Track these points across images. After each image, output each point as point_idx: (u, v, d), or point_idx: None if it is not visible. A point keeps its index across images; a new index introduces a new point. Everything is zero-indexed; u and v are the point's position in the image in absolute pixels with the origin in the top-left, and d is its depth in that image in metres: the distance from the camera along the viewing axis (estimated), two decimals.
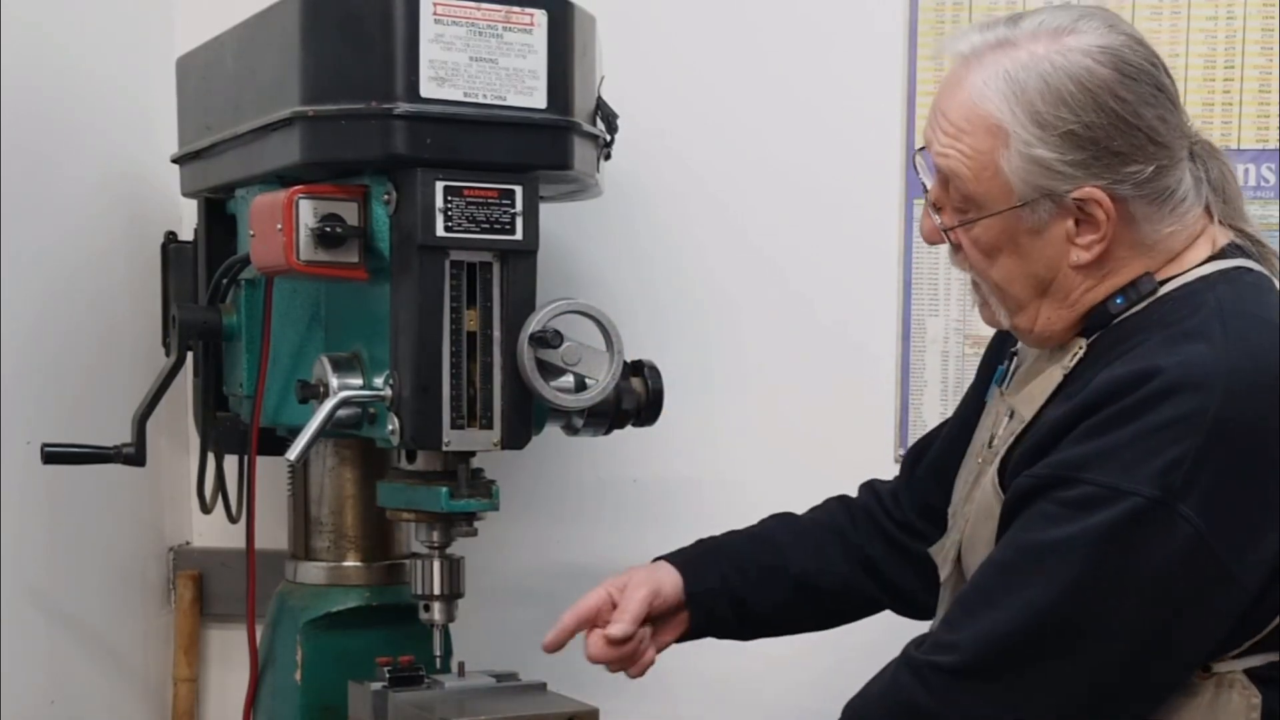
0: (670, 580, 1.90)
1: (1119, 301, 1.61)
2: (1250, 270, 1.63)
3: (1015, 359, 1.77)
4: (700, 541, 1.98)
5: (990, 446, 1.70)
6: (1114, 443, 1.46)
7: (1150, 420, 1.45)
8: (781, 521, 2.02)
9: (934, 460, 1.95)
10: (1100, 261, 1.59)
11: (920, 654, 1.55)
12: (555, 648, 1.85)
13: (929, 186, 1.66)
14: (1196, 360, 1.47)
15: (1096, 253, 1.58)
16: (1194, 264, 1.61)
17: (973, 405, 1.87)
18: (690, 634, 1.95)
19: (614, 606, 1.87)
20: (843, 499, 2.04)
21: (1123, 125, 1.54)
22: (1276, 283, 1.64)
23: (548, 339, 1.76)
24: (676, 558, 1.94)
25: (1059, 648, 1.47)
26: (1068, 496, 1.47)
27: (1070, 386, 1.59)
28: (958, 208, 1.63)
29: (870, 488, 2.04)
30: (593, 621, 1.87)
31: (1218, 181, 1.66)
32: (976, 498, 1.68)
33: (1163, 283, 1.60)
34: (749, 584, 1.93)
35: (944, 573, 1.75)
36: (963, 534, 1.70)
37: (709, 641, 2.21)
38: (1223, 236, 1.65)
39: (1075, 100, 1.54)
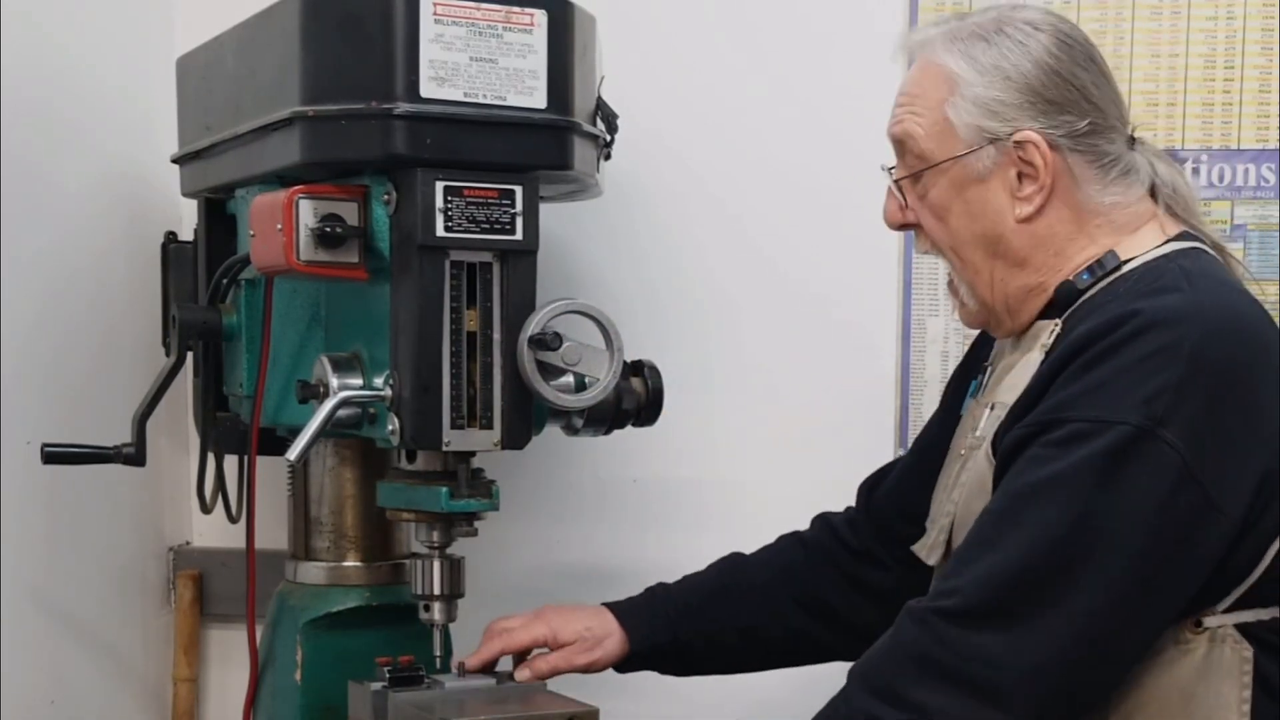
0: (614, 638, 1.98)
1: (1085, 278, 1.68)
2: (1206, 252, 1.70)
3: (988, 371, 1.82)
4: (650, 592, 2.04)
5: (973, 436, 1.74)
6: (1096, 380, 1.52)
7: (1130, 355, 1.51)
8: (732, 565, 2.06)
9: (892, 487, 2.01)
10: (1048, 223, 1.68)
11: (924, 603, 1.57)
12: (473, 668, 1.92)
13: (891, 172, 1.79)
14: (1171, 303, 1.55)
15: (1038, 204, 1.67)
16: (1151, 246, 1.69)
17: (935, 432, 1.93)
18: (620, 669, 2.03)
19: (550, 645, 1.96)
20: (796, 535, 2.08)
21: (1056, 78, 1.67)
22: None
23: (547, 341, 1.76)
24: (624, 610, 2.00)
25: (1060, 580, 1.50)
26: (1055, 437, 1.52)
27: (1049, 358, 1.64)
28: (912, 174, 1.75)
29: (824, 520, 2.07)
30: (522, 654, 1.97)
31: (1167, 177, 1.74)
32: (964, 480, 1.72)
33: (1125, 262, 1.68)
34: (696, 636, 2.01)
35: (934, 558, 1.77)
36: (953, 517, 1.73)
37: None
38: (1174, 226, 1.72)
39: (1013, 53, 1.68)
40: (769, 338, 2.39)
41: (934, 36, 1.74)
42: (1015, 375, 1.70)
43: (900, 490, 1.98)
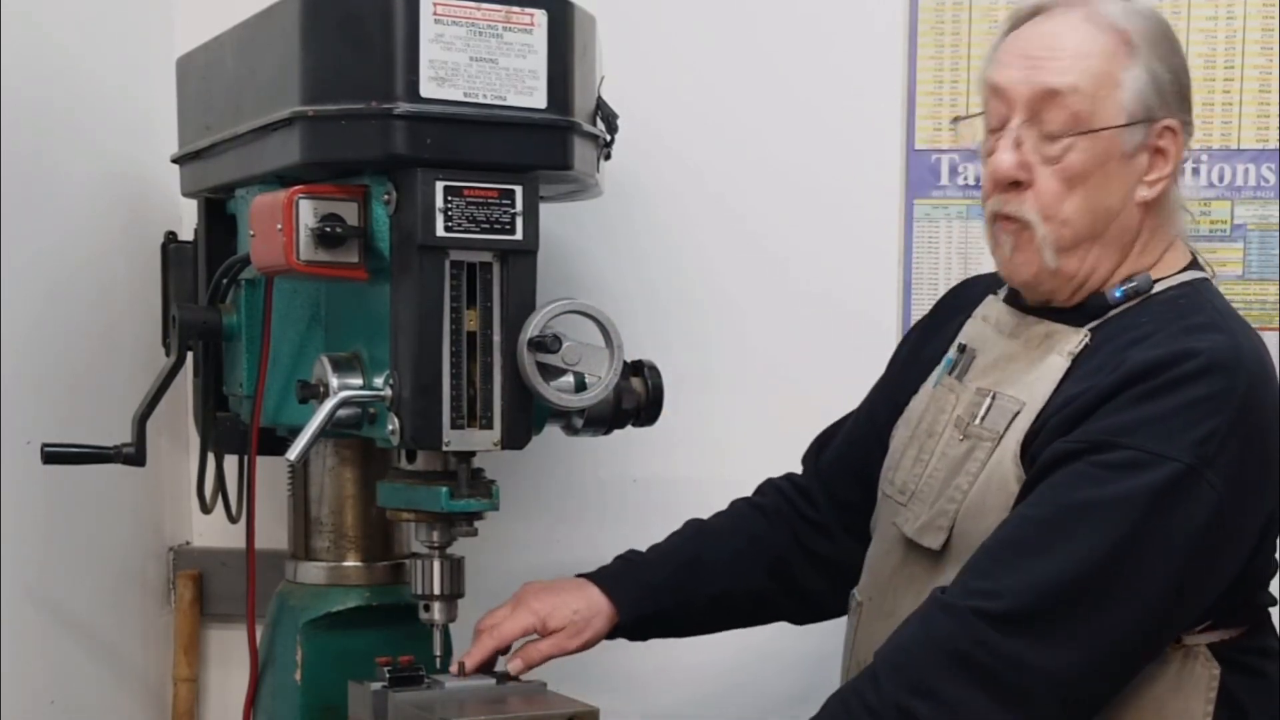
0: (602, 615, 1.98)
1: (1118, 294, 1.71)
2: (1210, 282, 1.77)
3: (966, 351, 1.84)
4: (626, 561, 2.05)
5: (974, 425, 1.75)
6: (1155, 413, 1.57)
7: (1190, 394, 1.57)
8: (699, 534, 2.08)
9: (839, 452, 2.05)
10: (1153, 212, 1.72)
11: (961, 600, 1.58)
12: (472, 669, 1.90)
13: (994, 131, 1.72)
14: (1223, 346, 1.60)
15: (1159, 190, 1.71)
16: (1176, 269, 1.75)
17: (888, 394, 1.97)
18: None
19: (540, 632, 1.95)
20: (750, 501, 2.11)
21: (1184, 71, 1.74)
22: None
23: (546, 344, 1.76)
24: (609, 584, 2.00)
25: (1099, 599, 1.55)
26: (1109, 459, 1.57)
27: (1079, 369, 1.68)
28: (1054, 133, 1.68)
29: (775, 487, 2.11)
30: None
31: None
32: (973, 470, 1.73)
33: (1155, 282, 1.73)
34: (676, 606, 2.03)
35: (932, 540, 1.76)
36: (959, 505, 1.74)
37: (708, 639, 2.22)
38: (1185, 248, 1.79)
39: (1172, 40, 1.73)
40: (769, 337, 2.39)
41: (1124, 10, 1.71)
42: (1029, 374, 1.72)
43: (850, 454, 2.02)
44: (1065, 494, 1.58)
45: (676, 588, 2.01)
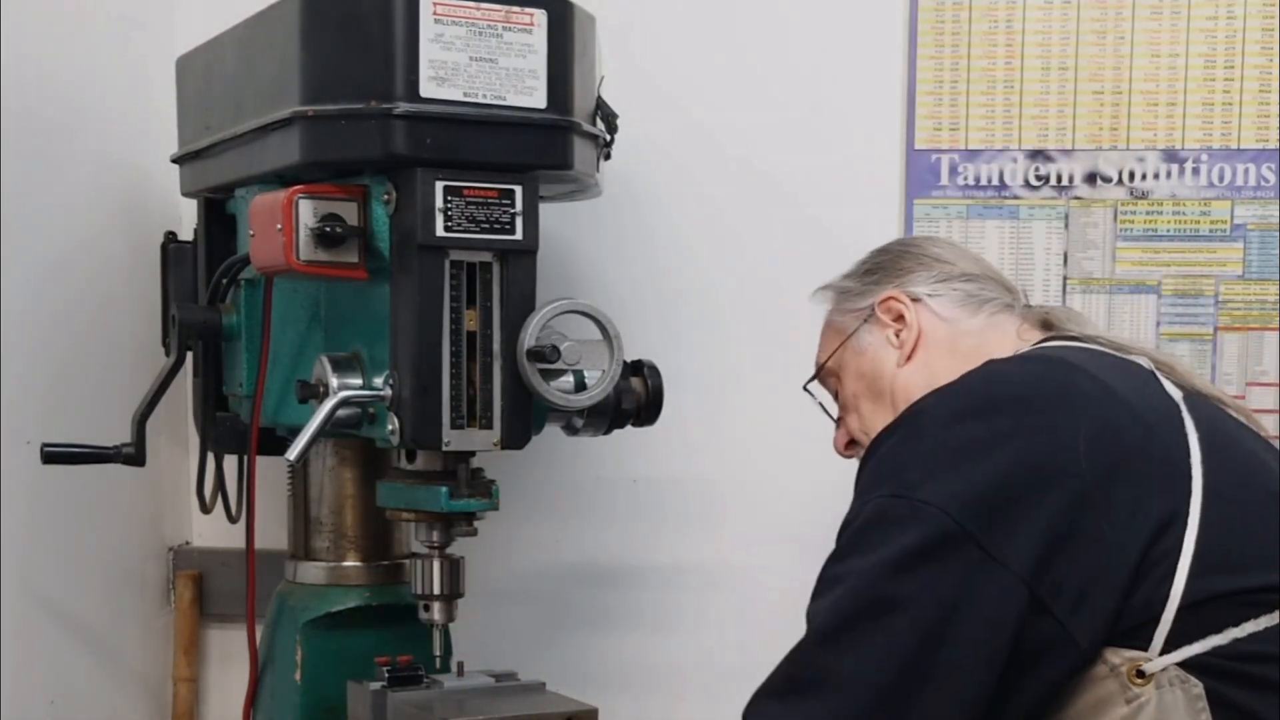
0: None
1: None
2: (1066, 345, 1.74)
3: None
4: None
5: None
6: (856, 492, 1.60)
7: (877, 454, 1.59)
8: None
9: None
10: (926, 361, 1.81)
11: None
12: None
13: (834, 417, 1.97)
14: (926, 397, 1.63)
15: (912, 341, 1.82)
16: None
17: None
18: None
19: None
20: None
21: (908, 255, 1.90)
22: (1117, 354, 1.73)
23: (545, 355, 1.75)
24: None
25: (835, 657, 1.52)
26: (834, 551, 1.57)
27: None
28: (835, 396, 1.96)
29: None
30: None
31: (1076, 322, 1.84)
32: None
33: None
34: None
35: None
36: None
37: (708, 640, 2.22)
38: (1038, 335, 1.81)
39: (871, 257, 1.94)
40: (769, 337, 2.38)
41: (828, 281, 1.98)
42: None
43: None
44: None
45: None
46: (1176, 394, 1.63)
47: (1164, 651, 1.54)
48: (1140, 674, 1.54)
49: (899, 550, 1.50)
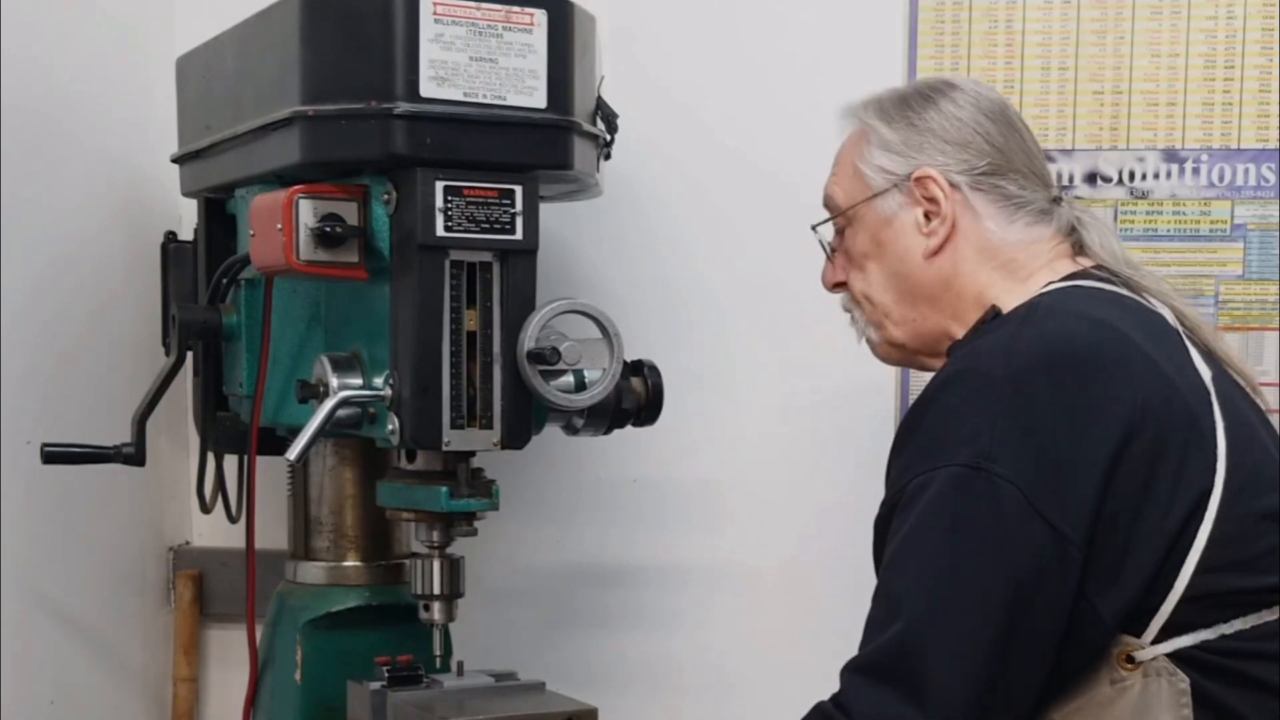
0: None
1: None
2: (1100, 288, 1.70)
3: None
4: None
5: None
6: (920, 439, 1.56)
7: (940, 408, 1.56)
8: None
9: None
10: (952, 259, 1.73)
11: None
12: None
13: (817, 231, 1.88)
14: (985, 349, 1.60)
15: (942, 236, 1.72)
16: (1034, 293, 1.69)
17: None
18: None
19: None
20: None
21: (955, 122, 1.75)
22: (1144, 302, 1.70)
23: (545, 357, 1.75)
24: None
25: (932, 641, 1.50)
26: (902, 503, 1.55)
27: None
28: (839, 231, 1.84)
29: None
30: None
31: (1100, 241, 1.76)
32: None
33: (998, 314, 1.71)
34: None
35: None
36: None
37: (707, 640, 2.22)
38: (1071, 267, 1.74)
39: (916, 101, 1.78)
40: (769, 337, 2.39)
41: (864, 101, 1.82)
42: None
43: None
44: (886, 558, 1.56)
45: None
46: (1205, 372, 1.62)
47: (1156, 641, 1.55)
48: (1130, 660, 1.55)
49: (979, 529, 1.49)
